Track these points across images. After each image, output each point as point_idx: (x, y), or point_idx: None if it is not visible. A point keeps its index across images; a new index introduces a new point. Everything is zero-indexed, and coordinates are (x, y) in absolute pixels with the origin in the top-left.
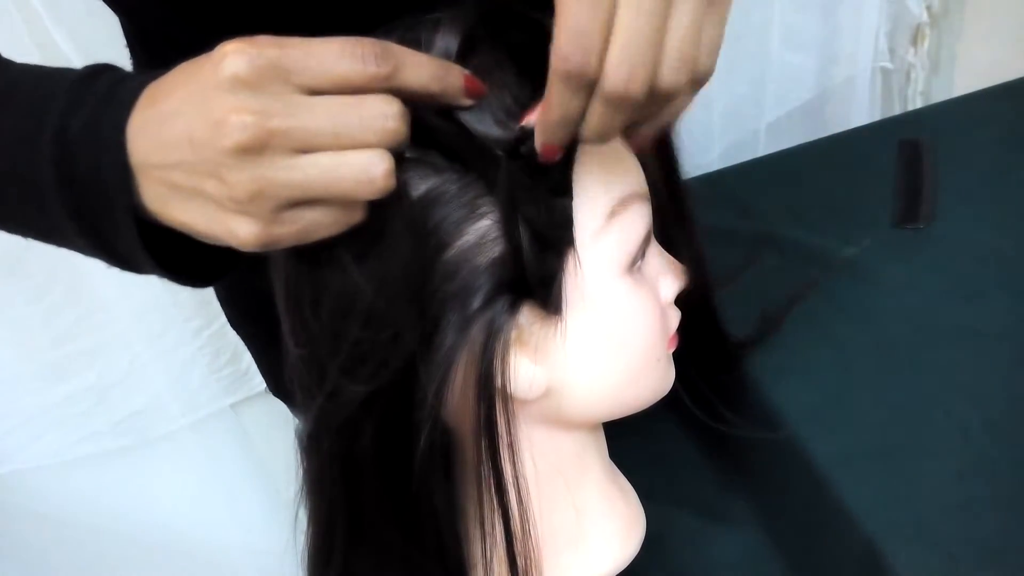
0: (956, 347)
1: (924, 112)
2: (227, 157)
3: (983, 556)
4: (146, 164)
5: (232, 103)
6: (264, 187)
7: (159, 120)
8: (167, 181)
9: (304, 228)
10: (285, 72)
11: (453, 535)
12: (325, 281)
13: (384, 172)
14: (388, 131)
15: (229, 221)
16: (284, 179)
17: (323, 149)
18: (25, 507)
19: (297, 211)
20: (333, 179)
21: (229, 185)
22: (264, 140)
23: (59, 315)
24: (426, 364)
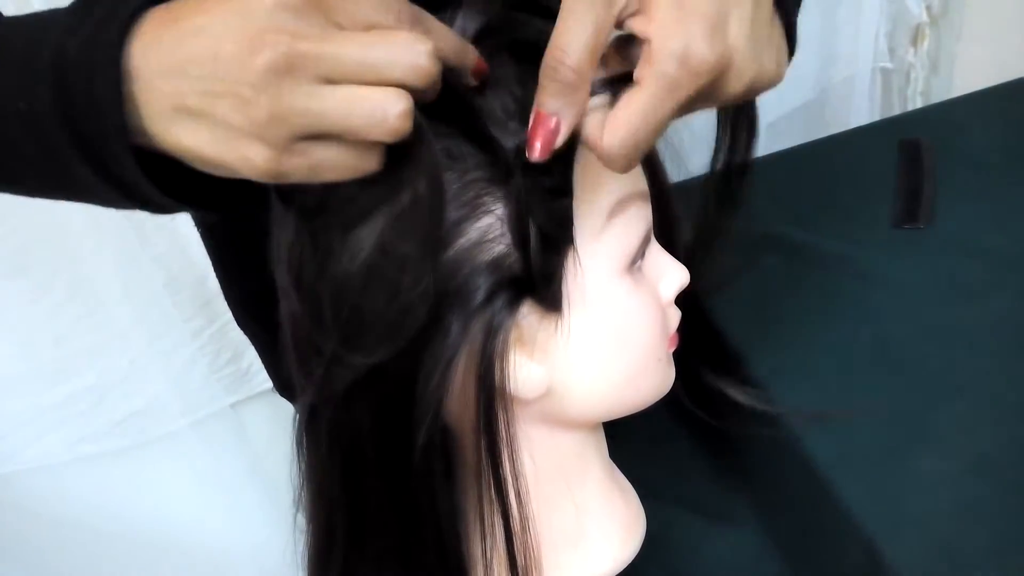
0: (956, 347)
1: (924, 112)
2: (254, 75)
3: (983, 556)
4: (157, 80)
5: (271, 22)
6: (284, 111)
7: (179, 36)
8: (178, 98)
9: (316, 163)
10: (325, 7)
11: (453, 535)
12: (331, 242)
13: (399, 112)
14: (415, 67)
15: (242, 145)
16: (303, 106)
17: (348, 82)
18: (25, 507)
19: (312, 144)
20: (347, 113)
21: (250, 104)
22: (294, 62)
23: (59, 315)
24: (426, 362)
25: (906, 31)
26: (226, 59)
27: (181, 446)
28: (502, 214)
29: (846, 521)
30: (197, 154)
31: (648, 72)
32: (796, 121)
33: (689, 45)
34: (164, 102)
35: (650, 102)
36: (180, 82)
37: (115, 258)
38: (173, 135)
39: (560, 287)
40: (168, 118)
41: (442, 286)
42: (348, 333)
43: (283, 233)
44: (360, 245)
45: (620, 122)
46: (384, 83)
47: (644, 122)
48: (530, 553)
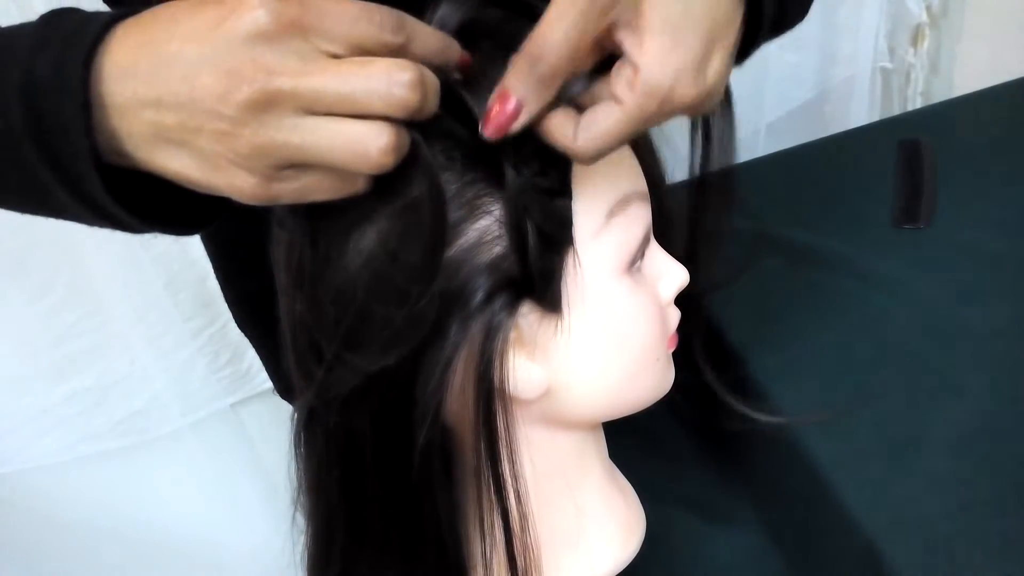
0: (956, 347)
1: (924, 112)
2: (233, 111)
3: (983, 556)
4: (135, 109)
5: (249, 55)
6: (266, 144)
7: (155, 63)
8: (157, 125)
9: (302, 189)
10: (303, 30)
11: (453, 535)
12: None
13: (380, 148)
14: (395, 98)
15: (228, 174)
16: (285, 140)
17: (331, 112)
18: (25, 507)
19: (297, 171)
20: (329, 147)
21: (231, 137)
22: (273, 98)
23: (59, 315)
24: (425, 363)
25: (906, 31)
26: (203, 94)
27: (181, 446)
28: (500, 215)
29: (846, 521)
30: (185, 178)
31: (630, 98)
32: (796, 121)
33: (675, 86)
34: (145, 130)
35: (627, 123)
36: (159, 113)
37: (115, 258)
38: (160, 160)
39: (559, 287)
40: (152, 145)
41: (441, 287)
42: (352, 337)
43: (284, 235)
44: (362, 248)
45: (594, 132)
46: (366, 115)
47: (617, 137)
48: (530, 553)
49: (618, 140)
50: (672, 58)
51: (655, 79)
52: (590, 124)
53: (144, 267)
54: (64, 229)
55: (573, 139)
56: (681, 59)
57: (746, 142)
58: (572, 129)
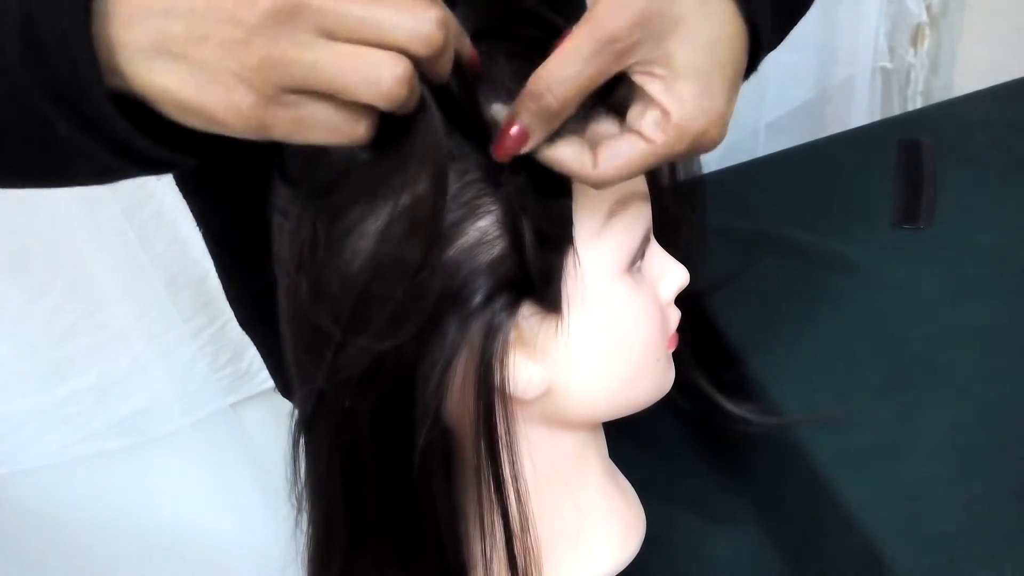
0: (956, 347)
1: (924, 112)
2: (254, 17)
3: (983, 556)
4: (141, 13)
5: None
6: (278, 57)
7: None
8: (162, 33)
9: (302, 119)
10: None
11: (453, 535)
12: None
13: (396, 76)
14: (420, 33)
15: (227, 88)
16: (298, 56)
17: (349, 39)
18: (25, 507)
19: (302, 97)
20: (342, 69)
21: (243, 46)
22: (297, 10)
23: (59, 315)
24: (425, 363)
25: (906, 31)
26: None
27: (181, 446)
28: (500, 216)
29: (846, 521)
30: (175, 96)
31: (660, 137)
32: (796, 121)
33: (708, 130)
34: (144, 41)
35: (652, 158)
36: (167, 21)
37: (115, 258)
38: (149, 75)
39: (560, 287)
40: (146, 57)
41: (441, 287)
42: (357, 316)
43: (286, 224)
44: (368, 226)
45: (620, 163)
46: (386, 45)
47: (639, 169)
48: (530, 553)
49: (639, 171)
50: (704, 103)
51: (690, 124)
52: (613, 156)
53: (144, 267)
54: (64, 229)
55: (593, 166)
56: (711, 104)
57: (746, 142)
58: (588, 158)
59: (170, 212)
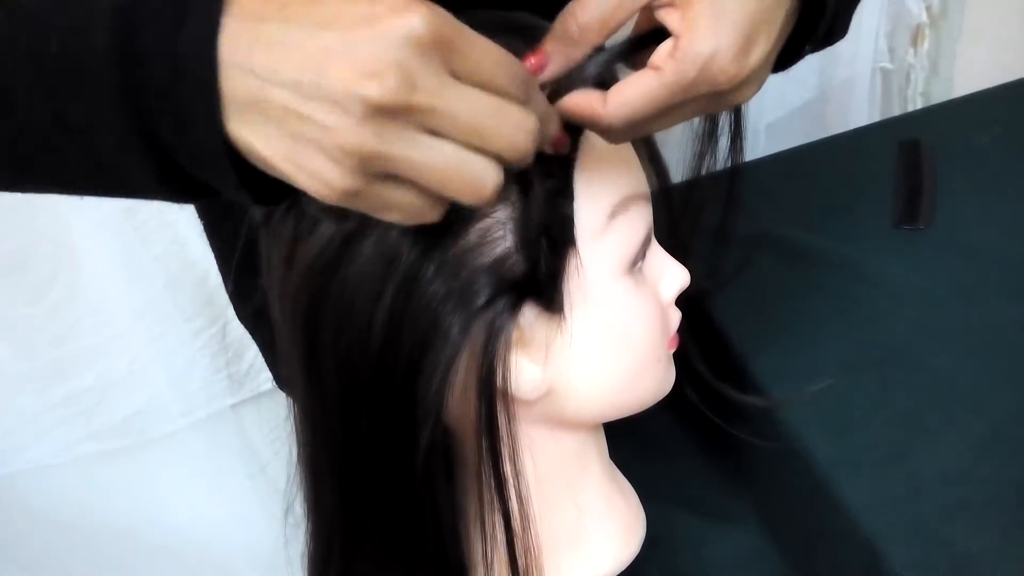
0: (956, 347)
1: (924, 112)
2: (361, 109)
3: (983, 557)
4: (243, 67)
5: (394, 57)
6: (383, 152)
7: (284, 26)
8: (260, 94)
9: (387, 202)
10: (452, 52)
11: (454, 535)
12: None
13: (495, 183)
14: (518, 144)
15: (319, 165)
16: (402, 154)
17: (452, 138)
18: (25, 507)
19: (390, 185)
20: (448, 172)
21: (343, 132)
22: (406, 109)
23: (59, 315)
24: (427, 364)
25: (906, 31)
26: (334, 82)
27: (181, 446)
28: (503, 216)
29: (846, 521)
30: (261, 156)
31: (670, 65)
32: (796, 121)
33: (716, 55)
34: (244, 95)
35: (661, 91)
36: (269, 82)
37: (115, 258)
38: (243, 131)
39: (561, 288)
40: (243, 112)
41: (442, 287)
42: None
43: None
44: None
45: (627, 97)
46: (483, 150)
47: (650, 103)
48: (531, 553)
49: (650, 107)
50: (714, 29)
51: (695, 47)
52: (622, 89)
53: (144, 267)
54: (64, 229)
55: (603, 105)
56: (724, 31)
57: (746, 142)
58: (598, 100)
59: (170, 212)
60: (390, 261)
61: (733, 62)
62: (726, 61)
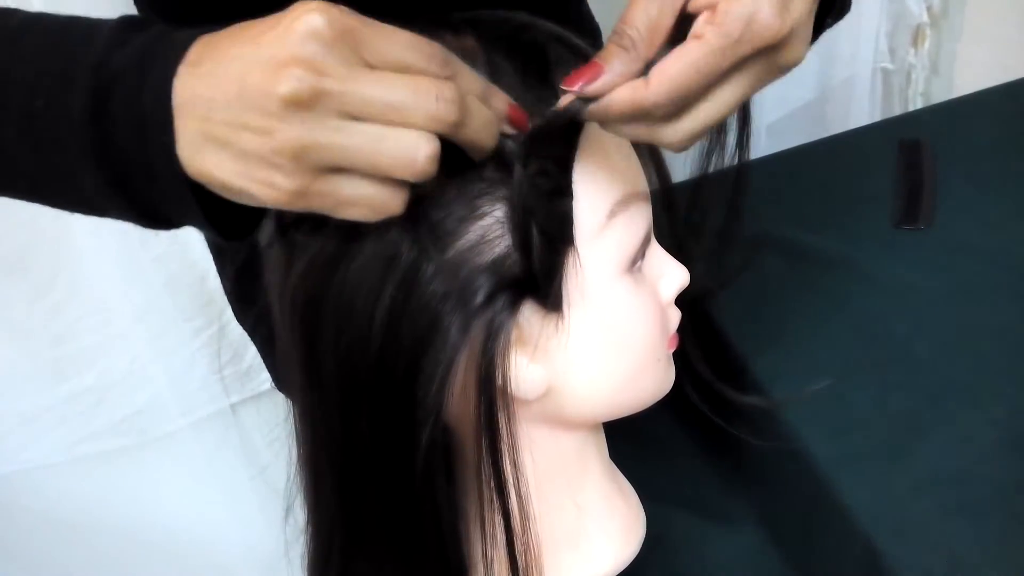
0: (956, 347)
1: (924, 112)
2: (277, 106)
3: (983, 557)
4: (187, 105)
5: (298, 53)
6: (310, 143)
7: (214, 62)
8: (205, 124)
9: (339, 198)
10: (356, 41)
11: (454, 535)
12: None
13: (426, 155)
14: (438, 115)
15: (267, 174)
16: (328, 140)
17: (372, 119)
18: (25, 507)
19: (338, 176)
20: (375, 150)
21: (274, 135)
22: (317, 97)
23: (59, 315)
24: (427, 363)
25: (906, 31)
26: (251, 89)
27: (181, 446)
28: (502, 215)
29: (846, 521)
30: (220, 181)
31: (710, 29)
32: (796, 121)
33: (757, 12)
34: (194, 129)
35: (707, 57)
36: (210, 111)
37: (115, 258)
38: (200, 163)
39: (560, 287)
40: (197, 142)
41: (442, 287)
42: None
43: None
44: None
45: (671, 71)
46: (408, 126)
47: (696, 72)
48: (531, 553)
49: (697, 77)
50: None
51: (735, 7)
52: (665, 66)
53: (144, 267)
54: (64, 229)
55: (645, 86)
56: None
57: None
58: (640, 84)
59: None
60: (389, 260)
61: (776, 17)
62: (768, 16)
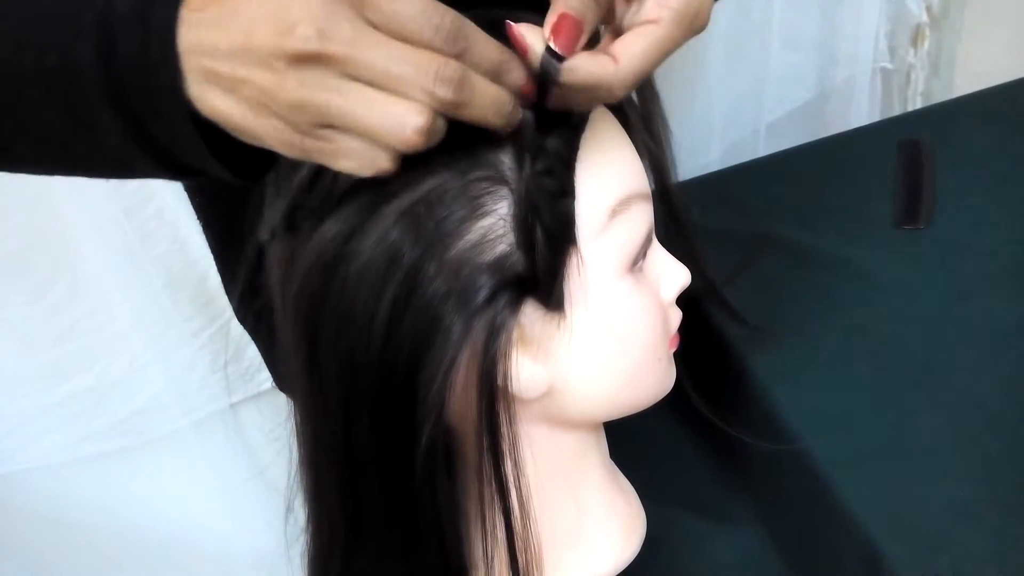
0: (956, 347)
1: (924, 112)
2: (282, 61)
3: (983, 556)
4: (192, 50)
5: (307, 12)
6: (308, 99)
7: (220, 10)
8: (210, 69)
9: (335, 150)
10: (365, 4)
11: (454, 534)
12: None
13: (416, 126)
14: (434, 92)
15: (269, 120)
16: (325, 99)
17: (371, 84)
18: (25, 507)
19: (333, 132)
20: (367, 114)
21: (275, 89)
22: (321, 58)
23: (59, 315)
24: (428, 362)
25: (906, 31)
26: (257, 44)
27: (181, 446)
28: (504, 214)
29: (846, 521)
30: (231, 121)
31: (666, 12)
32: (796, 121)
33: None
34: (200, 71)
35: (665, 38)
36: (214, 60)
37: (115, 258)
38: (210, 100)
39: (562, 287)
40: (204, 86)
41: (443, 286)
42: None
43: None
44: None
45: (638, 50)
46: (403, 96)
47: (657, 53)
48: (531, 553)
49: (657, 57)
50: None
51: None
52: (628, 46)
53: (144, 267)
54: (64, 229)
55: (613, 63)
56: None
57: (746, 142)
58: (608, 61)
59: (170, 212)
60: (391, 259)
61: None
62: (708, 6)
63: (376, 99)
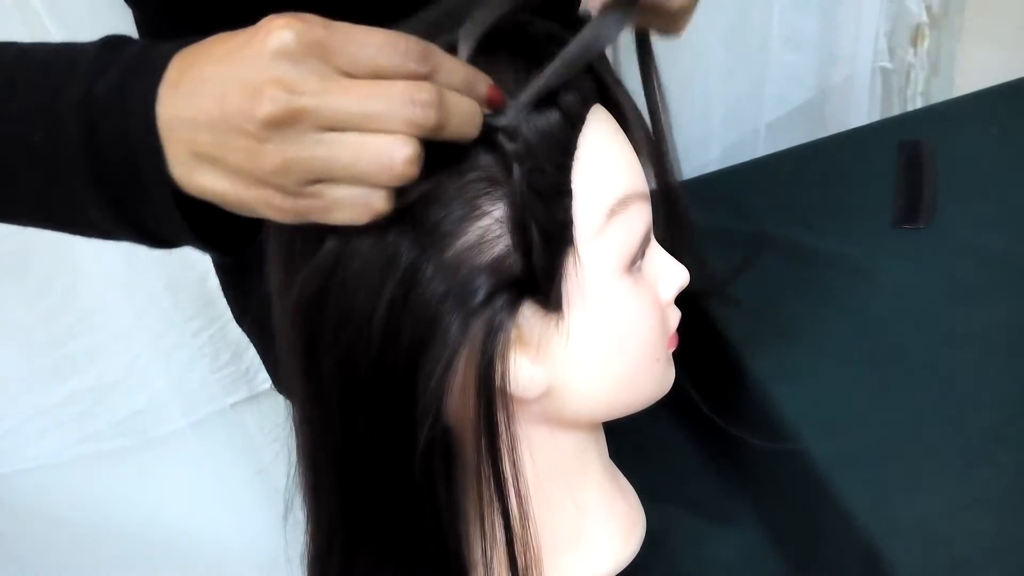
0: (956, 347)
1: (924, 112)
2: (256, 126)
3: (983, 557)
4: (172, 126)
5: (271, 74)
6: (293, 159)
7: (192, 82)
8: (192, 145)
9: (329, 205)
10: (327, 52)
11: (453, 535)
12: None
13: (404, 158)
14: (415, 119)
15: (259, 190)
16: (309, 155)
17: (352, 129)
18: (25, 507)
19: (324, 187)
20: (354, 159)
21: (257, 155)
22: (295, 116)
23: (59, 315)
24: (426, 363)
25: (906, 31)
26: (230, 111)
27: (181, 446)
28: (501, 215)
29: (846, 521)
30: (222, 198)
31: None
32: (796, 121)
33: None
34: (183, 149)
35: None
36: (193, 131)
37: (115, 258)
38: (198, 179)
39: (560, 287)
40: (188, 161)
41: (441, 286)
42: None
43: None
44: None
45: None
46: (386, 132)
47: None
48: (530, 553)
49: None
50: None
51: None
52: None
53: (144, 267)
54: None
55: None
56: None
57: (746, 142)
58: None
59: None
60: (389, 260)
61: None
62: None
63: (358, 142)
